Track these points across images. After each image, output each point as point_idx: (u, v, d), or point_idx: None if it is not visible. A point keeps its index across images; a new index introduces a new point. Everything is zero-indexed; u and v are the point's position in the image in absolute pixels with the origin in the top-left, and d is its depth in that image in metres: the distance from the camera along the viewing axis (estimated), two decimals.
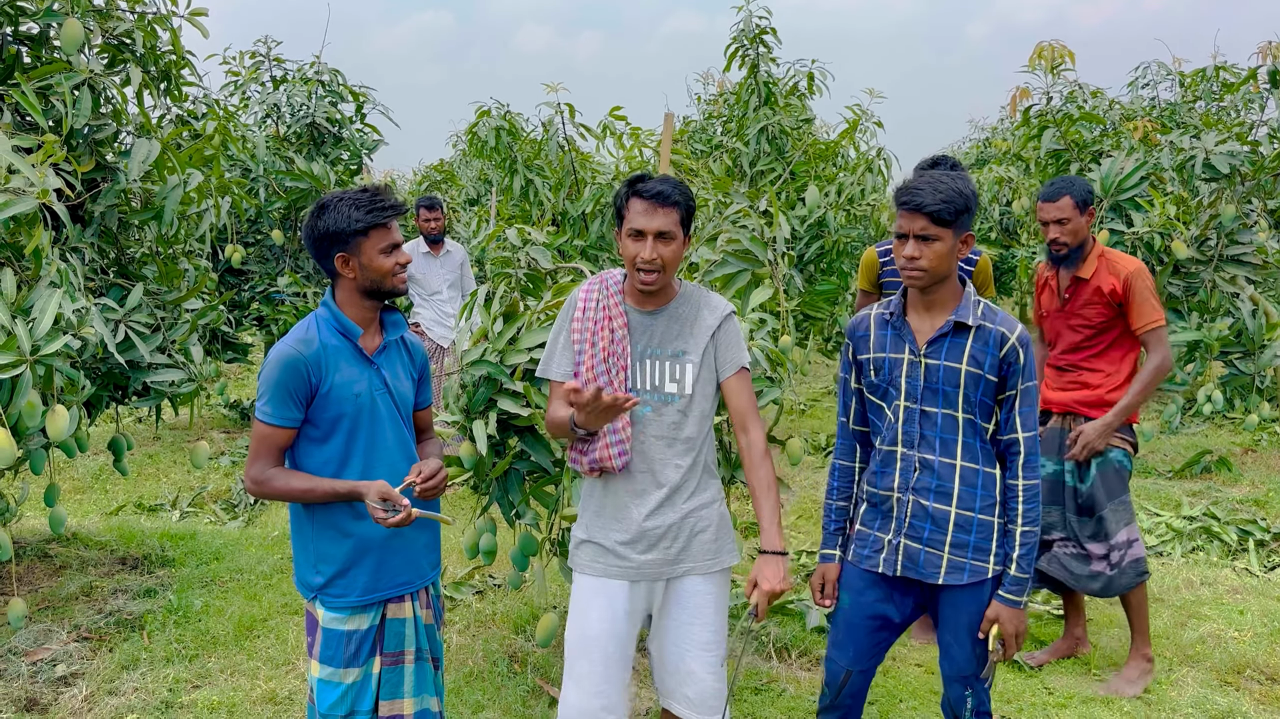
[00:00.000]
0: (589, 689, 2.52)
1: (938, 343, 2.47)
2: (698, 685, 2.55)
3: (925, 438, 2.50)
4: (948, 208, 2.37)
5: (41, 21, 3.79)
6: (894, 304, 2.57)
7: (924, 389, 2.48)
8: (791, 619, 4.21)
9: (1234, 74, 7.57)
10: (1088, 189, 3.66)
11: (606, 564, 2.54)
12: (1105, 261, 3.65)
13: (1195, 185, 5.85)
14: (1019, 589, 2.46)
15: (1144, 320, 3.60)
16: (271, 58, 7.76)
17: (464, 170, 12.74)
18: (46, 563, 4.88)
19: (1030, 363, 2.45)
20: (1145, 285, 3.59)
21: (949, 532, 2.49)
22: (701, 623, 2.55)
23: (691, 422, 2.51)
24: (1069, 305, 3.73)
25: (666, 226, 2.40)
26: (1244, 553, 5.22)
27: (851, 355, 2.65)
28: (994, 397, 2.46)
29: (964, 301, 2.47)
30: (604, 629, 2.52)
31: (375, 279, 2.37)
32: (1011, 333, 2.43)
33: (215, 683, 3.68)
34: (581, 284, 2.61)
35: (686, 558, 2.53)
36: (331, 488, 2.31)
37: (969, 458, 2.48)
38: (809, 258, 7.10)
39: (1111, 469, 3.64)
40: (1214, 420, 8.15)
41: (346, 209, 2.33)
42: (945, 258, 2.41)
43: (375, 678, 2.43)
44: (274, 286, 7.25)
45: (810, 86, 7.88)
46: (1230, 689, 3.70)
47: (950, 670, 2.59)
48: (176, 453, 7.45)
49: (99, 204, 3.91)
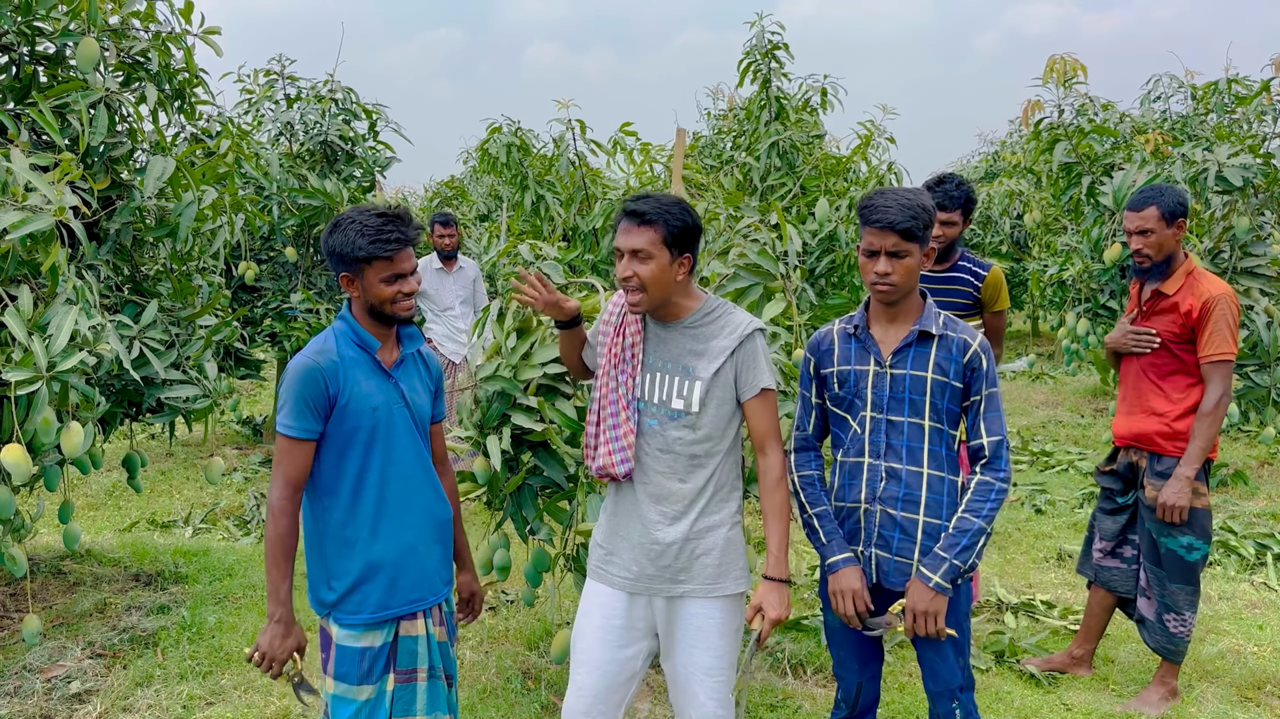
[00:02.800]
0: (581, 707, 2.57)
1: (903, 352, 2.52)
2: (700, 711, 2.53)
3: (892, 447, 2.53)
4: (916, 224, 2.43)
5: (58, 41, 3.83)
6: (858, 317, 2.61)
7: (890, 399, 2.52)
8: (806, 636, 4.18)
9: (1246, 86, 7.54)
10: (1178, 200, 3.46)
11: (608, 570, 2.58)
12: (1191, 280, 3.47)
13: (1208, 198, 5.83)
14: (935, 567, 2.43)
15: (1212, 349, 3.39)
16: (285, 76, 7.81)
17: (475, 186, 12.80)
18: (61, 579, 4.89)
19: (992, 369, 2.51)
20: (1226, 313, 3.38)
21: (918, 540, 2.51)
22: (704, 647, 2.51)
23: (699, 440, 2.47)
24: (1146, 319, 3.59)
25: (641, 245, 2.39)
26: (1262, 567, 5.17)
27: (813, 370, 2.68)
28: (959, 403, 2.51)
29: (926, 312, 2.54)
30: (598, 637, 2.55)
31: (376, 304, 2.39)
32: (973, 340, 2.50)
33: (229, 700, 3.67)
34: (617, 293, 2.67)
35: (686, 578, 2.49)
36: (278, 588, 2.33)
37: (935, 465, 2.51)
38: (820, 272, 7.09)
39: (1174, 557, 3.50)
40: (1229, 433, 8.09)
41: (353, 234, 2.33)
42: (914, 272, 2.48)
43: (389, 696, 2.42)
44: (287, 303, 7.28)
45: (824, 102, 7.89)
46: (1250, 705, 3.66)
47: (935, 686, 2.61)
48: (190, 469, 7.47)
49: (114, 221, 3.93)
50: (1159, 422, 3.52)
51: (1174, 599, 3.52)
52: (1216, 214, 5.85)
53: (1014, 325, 16.71)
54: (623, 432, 2.49)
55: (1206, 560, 3.55)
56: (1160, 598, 3.56)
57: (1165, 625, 3.56)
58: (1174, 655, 3.58)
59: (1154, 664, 3.89)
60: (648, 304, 2.44)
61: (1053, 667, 3.92)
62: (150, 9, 4.07)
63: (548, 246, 3.79)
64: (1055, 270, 7.46)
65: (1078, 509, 6.29)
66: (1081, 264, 7.28)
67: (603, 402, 2.57)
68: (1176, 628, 3.54)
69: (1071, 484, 6.83)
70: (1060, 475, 7.19)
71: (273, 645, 2.32)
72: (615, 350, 2.55)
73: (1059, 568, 5.18)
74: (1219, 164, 5.29)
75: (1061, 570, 5.14)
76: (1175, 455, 3.49)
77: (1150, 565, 3.60)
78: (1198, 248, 5.74)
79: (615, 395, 2.53)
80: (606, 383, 2.56)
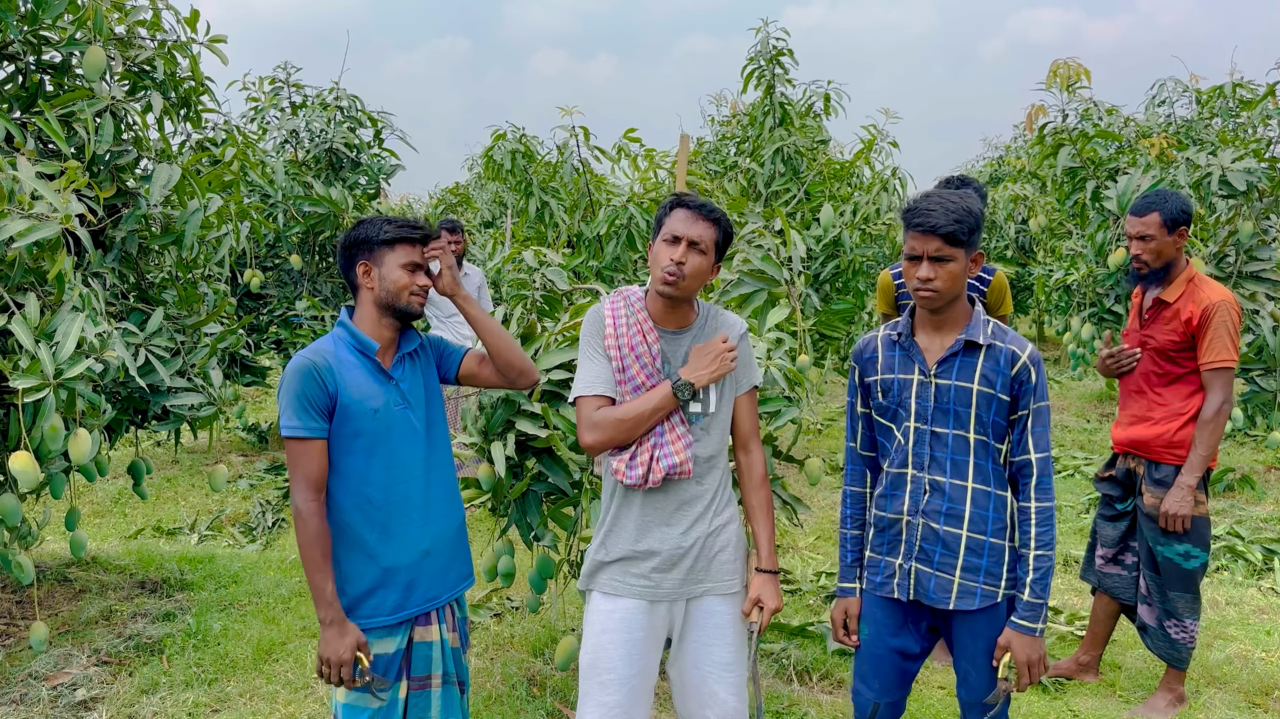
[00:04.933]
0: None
1: (948, 362, 2.44)
2: (720, 708, 2.52)
3: (935, 459, 2.46)
4: (960, 228, 2.34)
5: (64, 50, 3.85)
6: (902, 325, 2.53)
7: (934, 410, 2.45)
8: (812, 642, 4.17)
9: (1251, 90, 7.54)
10: (1181, 208, 3.45)
11: (625, 582, 2.50)
12: (1192, 287, 3.46)
13: (1212, 202, 5.82)
14: (1033, 615, 2.40)
15: (1212, 356, 3.37)
16: (290, 83, 7.84)
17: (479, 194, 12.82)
18: (66, 587, 4.89)
19: (1042, 382, 2.41)
20: (1226, 319, 3.36)
21: (960, 555, 2.44)
22: (722, 643, 2.53)
23: (713, 440, 2.51)
24: (1147, 326, 3.58)
25: (702, 236, 2.41)
26: (1269, 572, 5.15)
27: (858, 378, 2.62)
28: (1006, 417, 2.42)
29: (974, 320, 2.44)
30: (623, 654, 2.48)
31: (392, 292, 2.39)
32: (1023, 351, 2.40)
33: (234, 707, 3.67)
34: (602, 302, 2.60)
35: (707, 578, 2.51)
36: (323, 592, 2.30)
37: (980, 480, 2.43)
38: (825, 277, 7.10)
39: (1172, 565, 3.49)
40: (1235, 438, 8.07)
41: (381, 222, 2.42)
42: (958, 278, 2.38)
43: (402, 703, 2.42)
44: (292, 310, 7.29)
45: (827, 108, 7.90)
46: (1259, 711, 3.65)
47: (968, 697, 2.55)
48: (195, 476, 7.48)
49: (120, 229, 3.95)
50: (1157, 430, 3.51)
51: (1174, 606, 3.51)
52: (1221, 218, 5.84)
53: (1019, 330, 16.68)
54: (675, 435, 2.45)
55: (1205, 568, 3.54)
56: (1161, 605, 3.55)
57: (1167, 632, 3.55)
58: (1178, 662, 3.57)
59: (1161, 670, 3.88)
60: (679, 294, 2.44)
61: (1060, 673, 3.91)
62: (156, 17, 4.09)
63: (552, 253, 3.79)
64: (1060, 275, 7.45)
65: (1083, 515, 6.27)
66: (1086, 269, 7.27)
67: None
68: (1178, 635, 3.53)
69: (1077, 489, 6.81)
70: (1066, 481, 7.17)
71: (334, 650, 2.29)
72: (646, 359, 2.47)
73: (1064, 573, 5.16)
74: (1223, 168, 5.29)
75: (1067, 576, 5.12)
76: (1173, 464, 3.49)
77: (1149, 573, 3.59)
78: (1202, 252, 5.74)
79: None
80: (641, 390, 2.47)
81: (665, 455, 2.43)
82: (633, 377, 2.45)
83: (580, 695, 2.53)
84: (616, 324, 2.50)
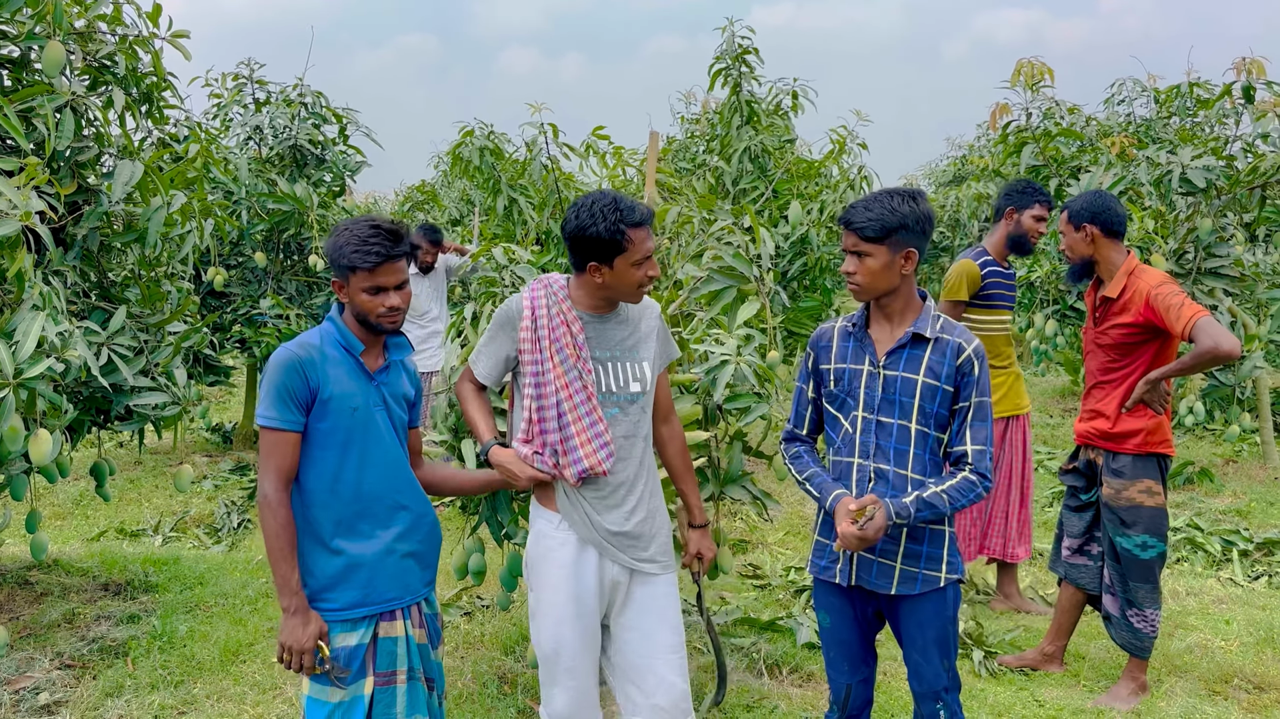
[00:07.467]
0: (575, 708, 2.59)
1: (896, 354, 2.53)
2: (670, 692, 2.58)
3: (880, 448, 2.54)
4: (874, 225, 2.45)
5: (23, 45, 3.77)
6: (858, 316, 2.63)
7: (881, 400, 2.54)
8: (782, 636, 4.20)
9: (1207, 90, 7.66)
10: (1083, 205, 3.58)
11: (577, 534, 2.57)
12: (1132, 279, 3.51)
13: (1172, 200, 5.91)
14: (902, 509, 2.42)
15: (1182, 323, 3.29)
16: (254, 80, 7.75)
17: (446, 191, 12.74)
18: (27, 590, 4.81)
19: (985, 377, 2.50)
20: (1166, 293, 3.37)
21: (902, 542, 2.53)
22: (668, 626, 2.62)
23: (647, 418, 2.63)
24: (1099, 324, 3.65)
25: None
26: (1228, 563, 5.25)
27: (811, 365, 2.70)
28: (949, 407, 2.51)
29: (923, 314, 2.54)
30: (580, 643, 2.57)
31: (361, 313, 2.40)
32: (968, 345, 2.50)
33: (201, 709, 3.63)
34: (523, 291, 2.61)
35: (648, 557, 2.62)
36: (288, 581, 2.31)
37: (919, 470, 2.53)
38: (792, 275, 7.14)
39: (1130, 555, 3.57)
40: (1195, 432, 8.21)
41: (342, 242, 2.36)
42: (880, 273, 2.49)
43: (367, 699, 2.41)
44: (256, 309, 7.21)
45: (794, 105, 7.95)
46: (1219, 699, 3.72)
47: (920, 688, 2.62)
48: (159, 477, 7.39)
49: (81, 227, 3.89)
50: (1110, 423, 3.61)
51: (1136, 596, 3.59)
52: (1181, 215, 5.94)
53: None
54: (602, 428, 2.51)
55: (1164, 559, 3.62)
56: (1123, 595, 3.62)
57: (1129, 622, 3.62)
58: (1140, 651, 3.64)
59: (1124, 660, 3.94)
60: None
61: (1025, 663, 3.97)
62: (117, 12, 4.03)
63: (521, 250, 3.78)
64: (1024, 272, 7.54)
65: (1047, 508, 6.35)
66: (1049, 265, 7.36)
67: (565, 404, 2.51)
68: (1140, 624, 3.60)
69: (1041, 483, 6.89)
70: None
71: (295, 637, 2.30)
72: (570, 349, 2.52)
73: (1030, 565, 5.23)
74: (1183, 166, 5.37)
75: (1033, 568, 5.19)
76: (1131, 453, 3.58)
77: (1112, 564, 3.67)
78: (1163, 249, 5.83)
79: (580, 389, 2.52)
80: (562, 381, 2.51)
81: (574, 462, 2.50)
82: (552, 367, 2.51)
83: (543, 681, 2.64)
84: (536, 314, 2.55)
